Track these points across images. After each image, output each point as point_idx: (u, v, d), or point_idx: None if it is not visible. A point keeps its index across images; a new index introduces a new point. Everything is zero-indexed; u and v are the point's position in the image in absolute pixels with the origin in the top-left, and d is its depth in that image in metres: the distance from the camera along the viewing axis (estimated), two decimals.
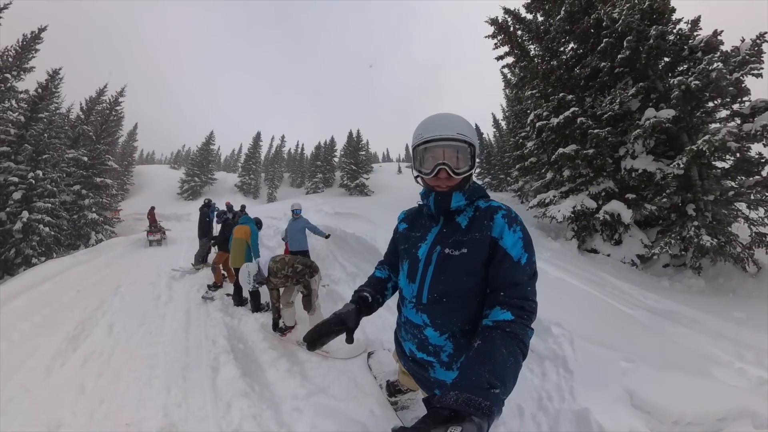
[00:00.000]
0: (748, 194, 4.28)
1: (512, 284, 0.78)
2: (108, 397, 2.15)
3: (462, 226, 0.89)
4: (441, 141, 0.82)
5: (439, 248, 0.89)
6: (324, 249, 5.69)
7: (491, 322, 0.75)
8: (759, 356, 2.25)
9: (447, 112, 0.89)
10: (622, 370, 1.99)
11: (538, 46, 8.14)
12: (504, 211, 0.86)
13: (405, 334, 1.00)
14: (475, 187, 0.93)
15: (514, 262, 0.79)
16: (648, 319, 2.85)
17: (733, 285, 3.95)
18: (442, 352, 0.90)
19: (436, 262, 0.89)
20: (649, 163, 5.35)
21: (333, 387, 2.15)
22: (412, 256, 0.96)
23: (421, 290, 0.91)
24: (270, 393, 2.13)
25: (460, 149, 0.84)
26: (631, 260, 5.32)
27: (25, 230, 9.73)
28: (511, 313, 0.74)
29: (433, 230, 0.94)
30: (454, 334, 0.88)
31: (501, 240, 0.81)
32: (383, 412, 1.85)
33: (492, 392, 0.57)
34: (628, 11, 5.19)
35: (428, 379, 0.95)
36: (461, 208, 0.89)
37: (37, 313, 3.53)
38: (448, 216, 0.92)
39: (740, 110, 4.45)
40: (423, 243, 0.94)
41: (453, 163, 0.84)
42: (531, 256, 0.82)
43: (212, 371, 2.34)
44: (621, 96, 5.62)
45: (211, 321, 3.32)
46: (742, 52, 4.23)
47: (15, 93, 11.29)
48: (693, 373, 1.98)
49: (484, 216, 0.87)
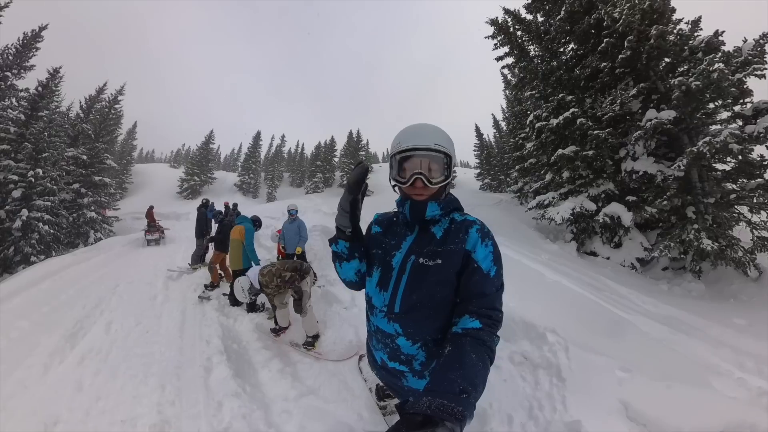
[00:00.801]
0: (750, 197, 4.21)
1: (481, 294, 0.81)
2: (104, 395, 2.19)
3: (437, 237, 0.90)
4: (418, 151, 0.84)
5: (414, 257, 0.90)
6: (321, 249, 5.66)
7: (460, 330, 0.77)
8: (759, 365, 2.19)
9: (426, 123, 0.90)
10: (617, 380, 1.93)
11: (538, 47, 8.07)
12: (478, 226, 0.89)
13: (376, 343, 0.99)
14: (450, 198, 0.94)
15: (484, 274, 0.83)
16: (646, 326, 2.78)
17: (733, 290, 3.88)
18: (414, 361, 0.90)
19: (410, 272, 0.89)
20: (649, 165, 5.28)
21: (323, 388, 2.15)
22: (385, 263, 0.94)
23: (393, 299, 0.90)
24: (261, 393, 2.14)
25: (436, 159, 0.85)
26: (631, 263, 5.26)
27: (25, 228, 9.74)
28: (480, 322, 0.77)
29: (408, 239, 0.93)
30: (426, 343, 0.88)
31: (474, 253, 0.84)
32: (371, 416, 1.85)
33: (463, 397, 0.58)
34: (628, 11, 5.13)
35: (402, 387, 0.95)
36: (436, 218, 0.90)
37: (36, 311, 3.56)
38: (423, 225, 0.92)
39: (742, 111, 4.38)
40: (397, 251, 0.93)
41: (428, 173, 0.85)
42: (499, 269, 0.85)
43: (205, 371, 2.36)
44: (622, 97, 5.55)
45: (206, 321, 3.34)
46: (745, 53, 4.16)
47: (15, 91, 11.25)
48: (691, 384, 1.92)
49: (460, 229, 0.89)
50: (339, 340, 2.73)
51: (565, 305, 3.11)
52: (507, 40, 8.78)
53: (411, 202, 0.89)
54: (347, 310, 3.25)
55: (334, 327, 2.98)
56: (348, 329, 2.85)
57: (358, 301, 3.29)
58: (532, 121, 7.19)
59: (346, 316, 3.13)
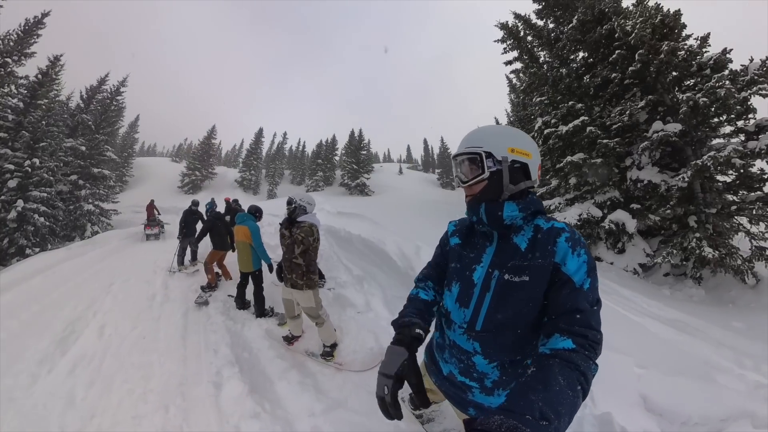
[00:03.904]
0: (750, 209, 4.45)
1: (574, 311, 0.71)
2: (99, 411, 1.94)
3: (521, 248, 0.82)
4: (457, 156, 0.88)
5: (497, 273, 0.82)
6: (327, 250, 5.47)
7: (549, 350, 0.68)
8: (757, 363, 2.42)
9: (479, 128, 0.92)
10: (636, 375, 2.13)
11: (548, 53, 8.22)
12: (567, 234, 0.79)
13: (448, 356, 0.94)
14: (531, 199, 0.85)
15: (576, 287, 0.73)
16: (654, 327, 3.01)
17: (732, 296, 4.12)
18: (486, 379, 0.86)
19: (495, 289, 0.82)
20: (654, 175, 5.51)
21: (351, 400, 1.94)
22: (465, 279, 0.89)
23: (475, 317, 0.85)
24: (282, 410, 1.88)
25: (468, 161, 0.86)
26: (633, 269, 5.50)
27: (20, 219, 9.37)
28: (572, 341, 0.67)
29: (488, 250, 0.87)
30: (503, 363, 0.84)
31: (564, 266, 0.75)
32: (409, 426, 1.70)
33: (542, 424, 0.51)
34: (641, 24, 5.31)
35: (464, 399, 0.91)
36: (517, 223, 0.83)
37: (25, 310, 3.31)
38: (502, 234, 0.85)
39: (745, 127, 4.60)
40: (478, 265, 0.87)
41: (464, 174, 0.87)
42: (594, 281, 0.75)
43: (215, 388, 2.10)
44: (631, 108, 5.75)
45: (211, 326, 3.04)
46: (751, 72, 4.38)
47: (15, 78, 10.88)
48: (698, 378, 2.13)
49: (547, 239, 0.79)
50: (359, 348, 2.48)
51: None
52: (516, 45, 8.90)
53: (485, 204, 0.84)
54: (361, 314, 3.02)
55: (351, 334, 2.68)
56: (367, 336, 2.58)
57: (373, 305, 3.13)
58: (540, 127, 7.35)
59: (362, 321, 2.88)
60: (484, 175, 0.83)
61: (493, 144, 0.83)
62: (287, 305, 2.56)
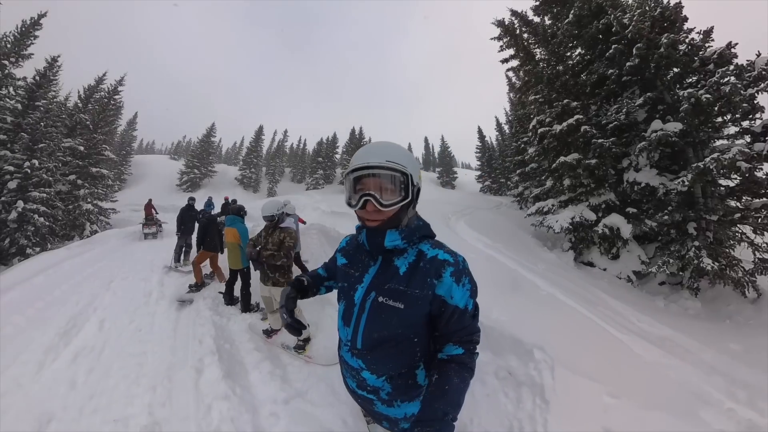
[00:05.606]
0: (755, 217, 4.09)
1: (462, 328, 0.83)
2: (97, 393, 2.22)
3: (400, 272, 0.83)
4: (368, 169, 0.76)
5: (374, 294, 0.85)
6: (318, 249, 5.62)
7: (446, 356, 0.82)
8: (752, 396, 2.11)
9: (384, 141, 0.82)
10: (603, 406, 1.87)
11: (544, 50, 7.91)
12: (452, 268, 0.81)
13: (346, 372, 0.98)
14: (416, 225, 0.85)
15: (461, 311, 0.81)
16: (639, 347, 2.71)
17: (730, 310, 3.79)
18: (381, 391, 0.90)
19: (370, 310, 0.85)
20: (652, 177, 5.16)
21: (311, 392, 2.19)
22: (348, 298, 0.91)
23: (355, 336, 0.88)
24: (250, 396, 2.17)
25: (388, 179, 0.76)
26: (627, 276, 5.17)
27: (20, 220, 9.60)
28: (462, 348, 0.82)
29: (371, 270, 0.88)
30: (391, 377, 0.87)
31: (450, 299, 0.81)
32: (355, 423, 1.88)
33: (446, 419, 0.70)
34: (639, 17, 4.97)
35: (373, 411, 0.96)
36: (399, 247, 0.83)
37: (30, 307, 3.57)
38: (386, 256, 0.86)
39: (751, 128, 4.24)
40: (359, 285, 0.89)
41: (380, 194, 0.76)
42: (474, 296, 0.85)
43: (196, 372, 2.38)
44: (628, 106, 5.42)
45: (200, 319, 3.34)
46: (758, 67, 4.01)
47: (12, 80, 11.00)
48: (678, 414, 1.85)
49: (429, 270, 0.81)
50: (330, 344, 2.71)
51: (557, 321, 3.04)
52: (513, 42, 8.62)
53: (367, 230, 0.83)
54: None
55: (325, 331, 2.97)
56: None
57: None
58: (534, 126, 7.05)
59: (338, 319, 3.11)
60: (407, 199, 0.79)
61: (411, 167, 0.80)
62: (266, 302, 2.91)
